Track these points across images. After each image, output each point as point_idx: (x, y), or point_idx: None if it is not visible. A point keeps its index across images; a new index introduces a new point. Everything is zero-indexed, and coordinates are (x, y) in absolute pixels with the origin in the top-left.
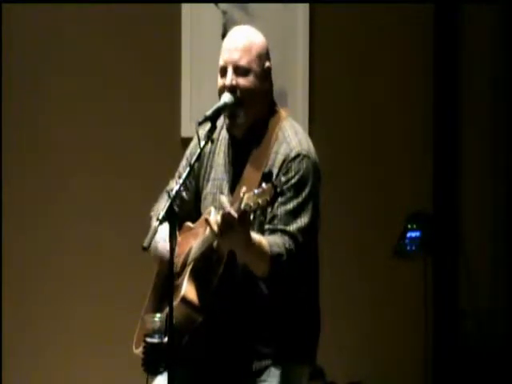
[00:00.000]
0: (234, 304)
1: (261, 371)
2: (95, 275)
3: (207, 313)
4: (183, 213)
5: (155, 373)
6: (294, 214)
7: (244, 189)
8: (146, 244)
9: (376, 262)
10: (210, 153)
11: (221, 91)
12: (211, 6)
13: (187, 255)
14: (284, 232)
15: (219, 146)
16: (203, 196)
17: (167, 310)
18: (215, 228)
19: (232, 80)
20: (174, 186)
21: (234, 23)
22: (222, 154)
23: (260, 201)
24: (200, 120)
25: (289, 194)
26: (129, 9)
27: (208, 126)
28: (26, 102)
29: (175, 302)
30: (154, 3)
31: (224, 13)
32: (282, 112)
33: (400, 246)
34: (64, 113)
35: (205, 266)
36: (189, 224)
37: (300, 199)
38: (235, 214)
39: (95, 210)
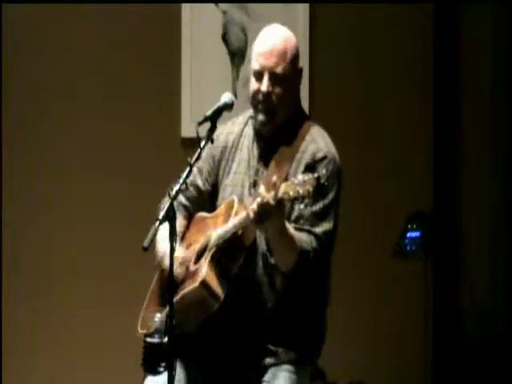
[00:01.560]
0: (249, 296)
1: (266, 369)
2: (95, 275)
3: (223, 302)
4: (196, 203)
5: (155, 373)
6: (320, 217)
7: (275, 177)
8: (146, 244)
9: (376, 262)
10: (232, 147)
11: (255, 94)
12: (211, 5)
13: (205, 243)
14: (310, 232)
15: (243, 142)
16: (222, 187)
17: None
18: (252, 215)
19: (268, 87)
20: (191, 176)
21: (234, 23)
22: (245, 150)
23: (301, 190)
24: (200, 120)
25: (315, 196)
26: (129, 9)
27: (226, 124)
28: (26, 101)
29: (193, 285)
30: (153, 3)
31: (224, 13)
32: (309, 117)
33: (400, 245)
34: (64, 113)
35: (226, 254)
36: (202, 214)
37: (326, 201)
38: (273, 202)
39: (95, 210)
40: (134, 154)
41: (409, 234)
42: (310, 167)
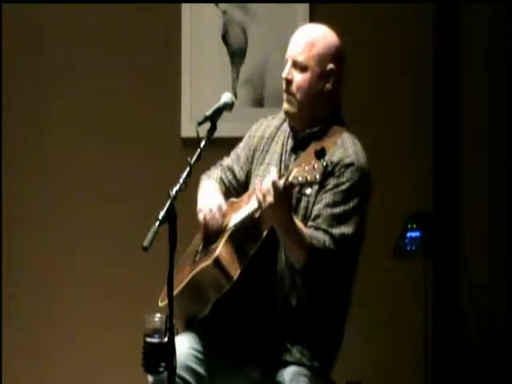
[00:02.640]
0: (271, 290)
1: (280, 366)
2: (95, 274)
3: (236, 284)
4: (231, 186)
5: (155, 373)
6: (339, 219)
7: (293, 165)
8: (145, 244)
9: (376, 262)
10: (268, 138)
11: (283, 83)
12: (211, 5)
13: (226, 224)
14: (327, 232)
15: (279, 135)
16: (253, 176)
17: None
18: (260, 195)
19: (288, 74)
20: (229, 161)
21: (234, 23)
22: (280, 143)
23: (309, 177)
24: (200, 120)
25: (337, 198)
26: (129, 9)
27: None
28: (26, 102)
29: (206, 263)
30: (154, 3)
31: (224, 13)
32: (345, 124)
33: (400, 245)
34: (63, 113)
35: (244, 235)
36: (233, 199)
37: (347, 207)
38: (281, 184)
39: (95, 210)
40: (133, 154)
41: (409, 234)
42: (336, 172)
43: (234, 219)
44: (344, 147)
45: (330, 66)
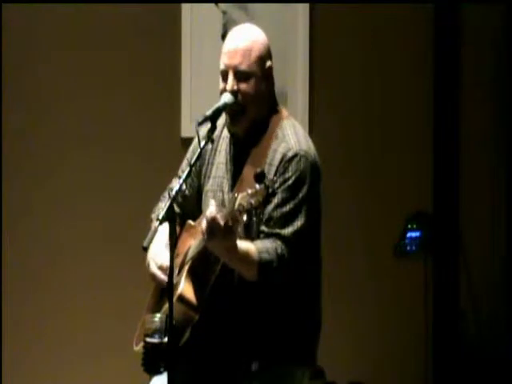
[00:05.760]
0: (232, 303)
1: (259, 372)
2: (94, 274)
3: (204, 312)
4: (186, 210)
5: (155, 373)
6: (289, 217)
7: (236, 194)
8: (145, 244)
9: (376, 262)
10: (211, 150)
11: (222, 94)
12: (211, 5)
13: (186, 254)
14: (278, 236)
15: (221, 144)
16: (204, 193)
17: (166, 308)
18: (201, 232)
19: (233, 86)
20: (176, 184)
21: (234, 23)
22: (223, 152)
23: (253, 201)
24: (200, 120)
25: (285, 195)
26: (129, 9)
27: (209, 125)
28: (25, 100)
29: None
30: (153, 3)
31: (224, 13)
32: (283, 111)
33: (400, 246)
34: (63, 112)
35: (202, 265)
36: (190, 222)
37: (296, 201)
38: (221, 221)
39: (95, 210)
40: (133, 154)
41: (409, 234)
42: (281, 168)
43: (192, 250)
44: (285, 140)
45: (268, 63)
